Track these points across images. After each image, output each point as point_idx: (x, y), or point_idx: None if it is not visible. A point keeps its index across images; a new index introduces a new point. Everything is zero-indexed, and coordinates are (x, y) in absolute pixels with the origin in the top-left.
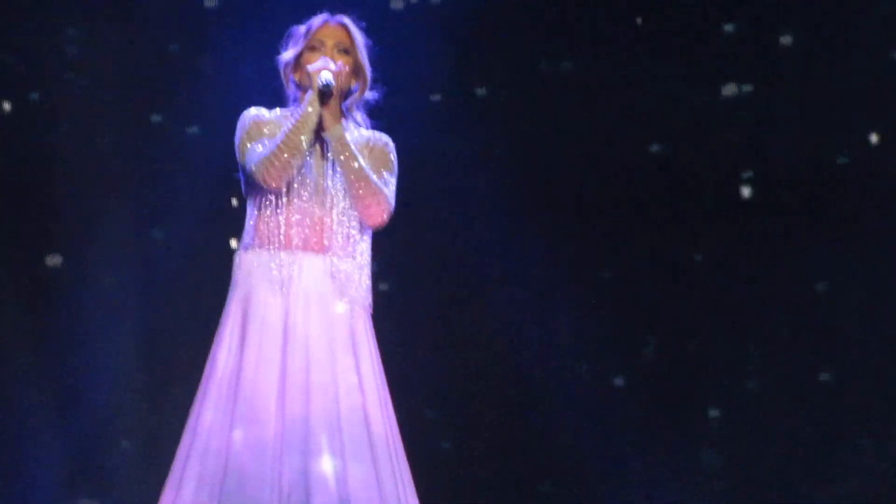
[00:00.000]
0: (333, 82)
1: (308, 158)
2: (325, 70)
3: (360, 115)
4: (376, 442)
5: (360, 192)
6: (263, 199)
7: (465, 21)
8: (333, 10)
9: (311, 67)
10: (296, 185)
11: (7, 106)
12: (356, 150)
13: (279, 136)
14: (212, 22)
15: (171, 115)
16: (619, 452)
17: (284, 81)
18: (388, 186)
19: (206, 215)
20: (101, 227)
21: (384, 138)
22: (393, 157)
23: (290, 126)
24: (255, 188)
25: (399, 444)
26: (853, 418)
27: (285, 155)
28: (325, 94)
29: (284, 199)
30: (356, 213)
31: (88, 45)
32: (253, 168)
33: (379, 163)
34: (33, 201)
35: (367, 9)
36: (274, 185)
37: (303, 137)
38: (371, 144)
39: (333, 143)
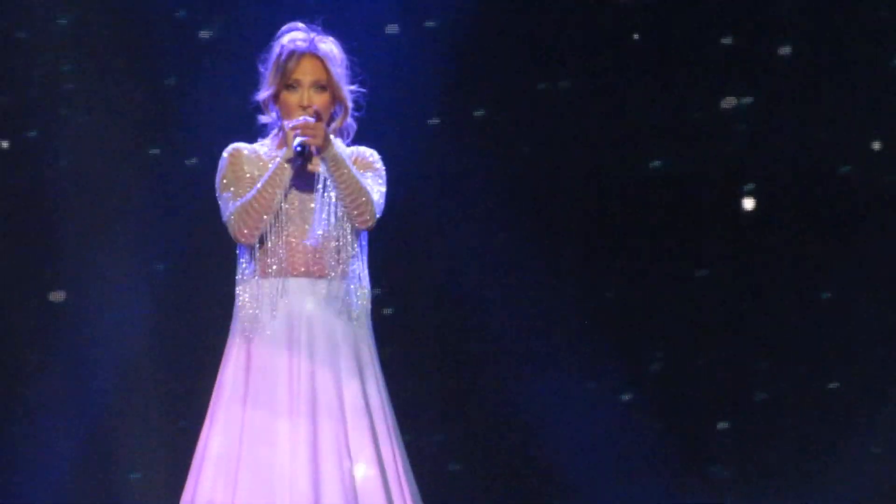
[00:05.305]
0: (309, 148)
1: (293, 189)
2: (299, 137)
3: (339, 142)
4: (386, 467)
5: (351, 196)
6: None
7: (462, 44)
8: (326, 32)
9: (288, 125)
10: (285, 214)
11: (5, 144)
12: (349, 160)
13: (252, 192)
14: (208, 54)
15: (169, 147)
16: (628, 469)
17: (265, 111)
18: (377, 186)
19: (208, 246)
20: (104, 262)
21: (369, 151)
22: (380, 165)
23: (263, 182)
24: None
25: (407, 466)
26: (861, 426)
27: (257, 210)
28: (300, 157)
29: (276, 228)
30: (350, 236)
31: (84, 81)
32: (226, 221)
33: (366, 169)
34: (35, 238)
35: (363, 34)
36: (244, 240)
37: (275, 192)
38: (356, 157)
39: (329, 162)
